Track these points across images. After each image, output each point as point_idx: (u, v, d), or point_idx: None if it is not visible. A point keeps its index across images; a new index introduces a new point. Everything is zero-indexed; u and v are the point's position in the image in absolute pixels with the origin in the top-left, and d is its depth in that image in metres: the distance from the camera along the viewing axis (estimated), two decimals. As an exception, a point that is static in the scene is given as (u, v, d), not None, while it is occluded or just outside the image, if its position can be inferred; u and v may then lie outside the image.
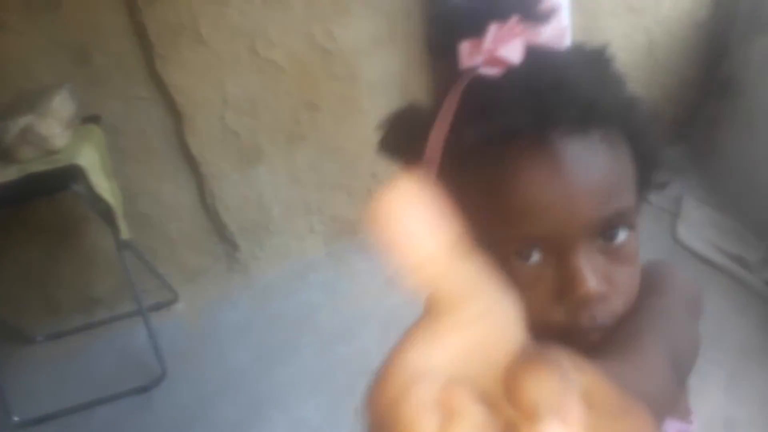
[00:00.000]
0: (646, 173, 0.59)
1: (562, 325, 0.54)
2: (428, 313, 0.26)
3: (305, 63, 2.26)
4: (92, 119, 2.13)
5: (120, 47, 2.13)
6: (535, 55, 0.54)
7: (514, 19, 0.54)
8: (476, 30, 0.54)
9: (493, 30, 0.54)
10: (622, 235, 0.54)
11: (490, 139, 0.52)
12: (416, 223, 0.25)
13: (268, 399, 2.12)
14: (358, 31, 2.25)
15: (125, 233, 2.04)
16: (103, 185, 1.97)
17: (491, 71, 0.53)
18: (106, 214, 2.01)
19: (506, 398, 0.24)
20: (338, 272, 2.57)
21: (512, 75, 0.53)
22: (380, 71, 2.35)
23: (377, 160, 2.47)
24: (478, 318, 0.25)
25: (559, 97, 0.51)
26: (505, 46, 0.53)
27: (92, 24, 2.07)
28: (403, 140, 0.63)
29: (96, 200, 1.95)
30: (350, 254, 2.62)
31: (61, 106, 1.95)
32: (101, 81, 2.16)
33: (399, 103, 0.61)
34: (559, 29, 0.56)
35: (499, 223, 0.53)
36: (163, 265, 2.49)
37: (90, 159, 1.96)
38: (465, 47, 0.55)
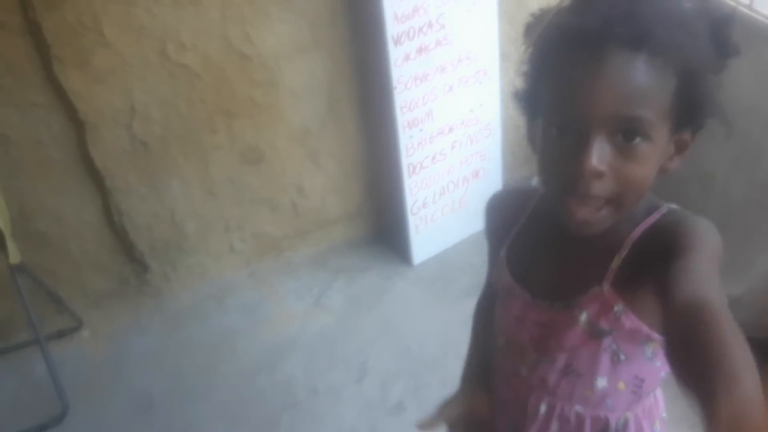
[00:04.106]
0: (688, 111, 0.74)
1: (567, 187, 0.73)
2: None
3: (221, 68, 2.12)
4: (-21, 128, 1.92)
5: (11, 48, 1.92)
6: None
7: None
8: None
9: None
10: (637, 140, 0.71)
11: (565, 38, 0.71)
12: None
13: (183, 436, 1.96)
14: (278, 36, 2.13)
15: (15, 257, 1.85)
16: (-11, 204, 1.77)
17: None
18: (-6, 235, 1.81)
19: None
20: (260, 294, 2.44)
21: None
22: (304, 78, 2.24)
23: (302, 173, 2.29)
24: None
25: (624, 22, 0.68)
26: None
27: (-22, 22, 1.86)
28: (497, 222, 1.00)
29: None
30: (274, 274, 2.51)
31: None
32: (-10, 85, 1.95)
33: (325, 112, 0.79)
34: None
35: (554, 99, 0.74)
36: (65, 288, 2.30)
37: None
38: None
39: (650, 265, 0.77)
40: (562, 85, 0.73)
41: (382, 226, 2.63)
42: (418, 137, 2.25)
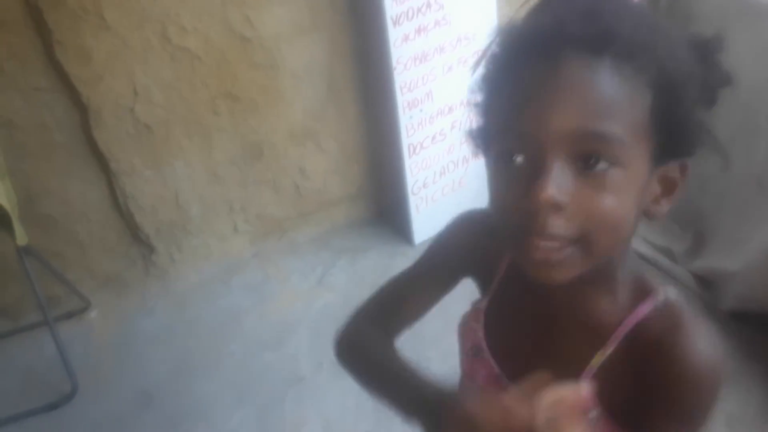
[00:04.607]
0: (670, 135, 0.60)
1: (521, 226, 0.59)
2: None
3: (222, 51, 2.13)
4: (-17, 113, 1.93)
5: (13, 33, 1.93)
6: None
7: None
8: None
9: None
10: (602, 166, 0.57)
11: (516, 45, 0.61)
12: None
13: (191, 413, 2.00)
14: (278, 18, 2.13)
15: (22, 239, 1.87)
16: (-4, 187, 1.79)
17: None
18: (1, 218, 1.83)
19: None
20: (265, 274, 2.47)
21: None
22: (304, 60, 2.24)
23: (304, 154, 2.31)
24: None
25: (581, 21, 0.56)
26: None
27: (-21, 8, 1.87)
28: (470, 248, 0.85)
29: (-11, 203, 1.78)
30: (278, 254, 2.54)
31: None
32: (-7, 71, 1.96)
33: (325, 93, 0.76)
34: None
35: (503, 118, 0.61)
36: (73, 270, 2.32)
37: (-19, 158, 1.78)
38: None
39: (638, 368, 0.69)
40: (511, 99, 0.60)
41: (383, 206, 2.65)
42: (418, 117, 2.26)
